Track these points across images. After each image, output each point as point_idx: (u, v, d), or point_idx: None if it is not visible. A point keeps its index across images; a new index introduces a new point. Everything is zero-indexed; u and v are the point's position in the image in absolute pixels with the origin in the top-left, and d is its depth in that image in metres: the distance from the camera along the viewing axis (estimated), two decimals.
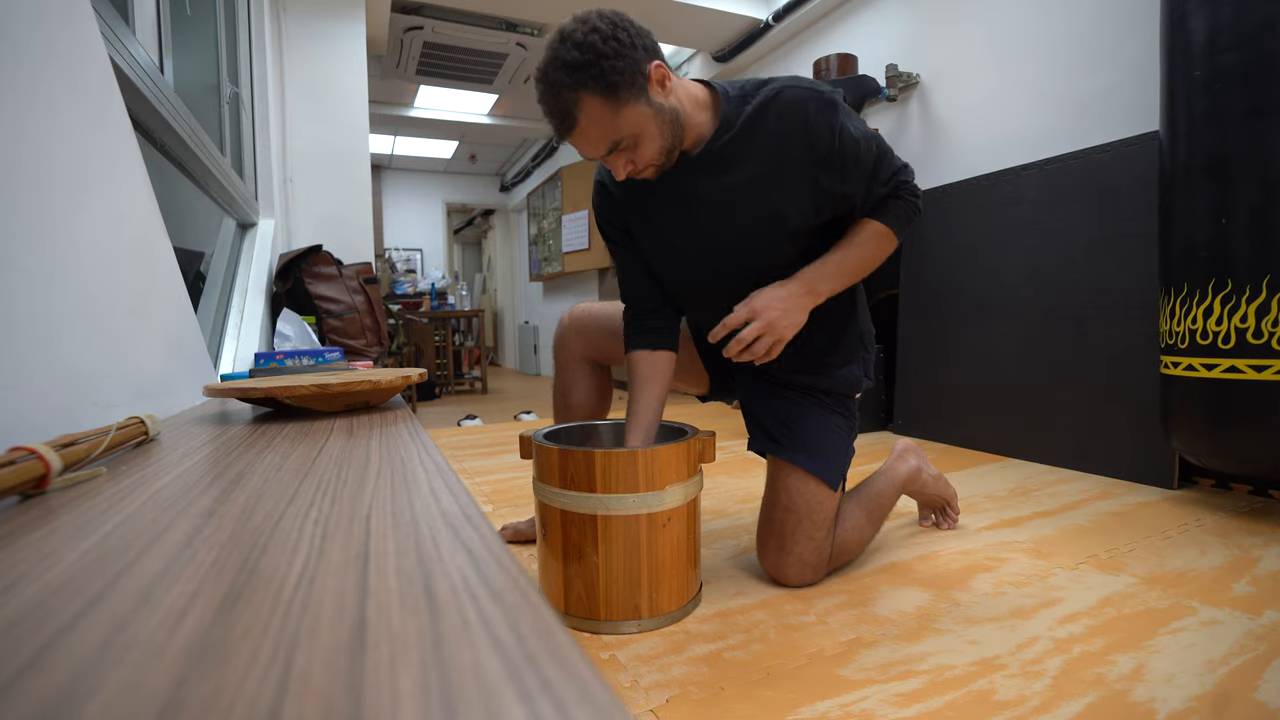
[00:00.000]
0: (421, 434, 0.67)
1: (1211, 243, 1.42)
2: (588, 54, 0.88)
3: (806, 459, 1.14)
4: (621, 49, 0.89)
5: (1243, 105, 1.35)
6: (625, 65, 0.89)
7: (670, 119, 0.96)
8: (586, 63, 0.88)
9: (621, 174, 0.99)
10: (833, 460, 1.15)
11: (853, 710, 0.80)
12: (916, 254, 2.55)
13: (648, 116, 0.94)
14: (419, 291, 5.16)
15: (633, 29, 0.92)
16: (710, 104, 1.04)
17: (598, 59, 0.88)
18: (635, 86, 0.91)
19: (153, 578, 0.28)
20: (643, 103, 0.93)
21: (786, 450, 1.16)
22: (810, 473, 1.13)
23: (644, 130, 0.94)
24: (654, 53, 0.94)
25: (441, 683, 0.19)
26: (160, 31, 1.56)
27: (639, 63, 0.91)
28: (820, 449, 1.15)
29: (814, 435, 1.16)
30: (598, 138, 0.94)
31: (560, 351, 1.35)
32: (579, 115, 0.92)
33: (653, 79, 0.93)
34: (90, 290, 0.74)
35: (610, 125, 0.93)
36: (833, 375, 1.19)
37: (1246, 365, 1.37)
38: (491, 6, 3.22)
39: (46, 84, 0.71)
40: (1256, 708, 0.78)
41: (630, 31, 0.91)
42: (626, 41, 0.90)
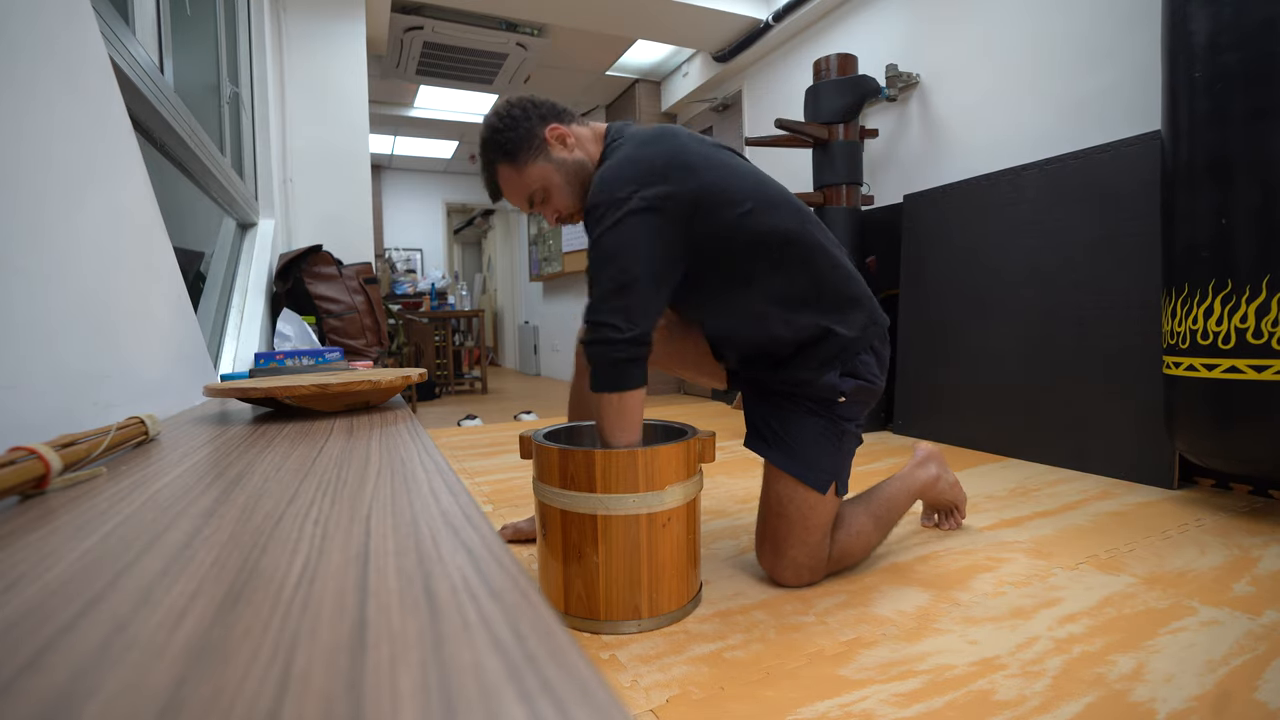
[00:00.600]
0: (421, 434, 0.66)
1: (1212, 243, 1.42)
2: (489, 131, 1.12)
3: (790, 462, 1.13)
4: (514, 122, 1.10)
5: (1244, 105, 1.35)
6: (519, 134, 1.10)
7: (574, 170, 1.12)
8: (489, 139, 1.12)
9: (551, 222, 1.18)
10: (816, 465, 1.13)
11: (853, 710, 0.80)
12: (916, 254, 2.55)
13: (549, 171, 1.12)
14: (419, 291, 5.16)
15: (529, 103, 1.13)
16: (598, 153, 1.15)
17: (495, 133, 1.11)
18: (532, 149, 1.11)
19: (153, 578, 0.28)
20: (543, 160, 1.11)
21: (773, 452, 1.16)
22: (797, 478, 1.12)
23: (550, 183, 1.12)
24: (552, 117, 1.13)
25: (441, 683, 0.19)
26: (160, 31, 1.56)
27: (533, 129, 1.11)
28: (803, 453, 1.14)
29: (798, 439, 1.15)
30: (515, 196, 1.14)
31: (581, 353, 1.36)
32: (498, 181, 1.15)
33: (550, 140, 1.11)
34: (90, 290, 0.74)
35: (520, 184, 1.13)
36: (810, 384, 1.15)
37: (1247, 365, 1.37)
38: (491, 6, 3.23)
39: (46, 84, 0.71)
40: (1256, 708, 0.78)
41: (525, 106, 1.12)
42: (519, 115, 1.11)
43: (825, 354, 1.13)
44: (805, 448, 1.14)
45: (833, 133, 2.59)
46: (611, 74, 4.34)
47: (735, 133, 3.90)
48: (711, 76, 3.88)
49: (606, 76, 4.38)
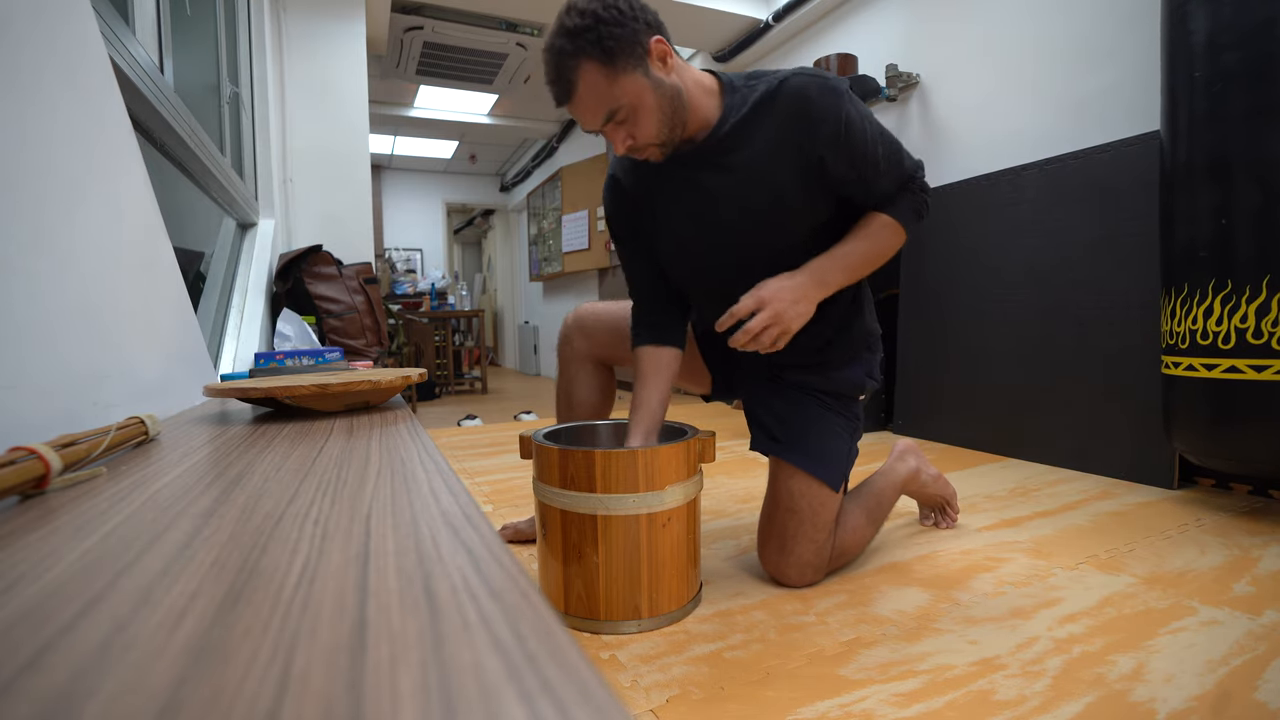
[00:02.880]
0: (421, 434, 0.66)
1: (1212, 243, 1.42)
2: (587, 19, 0.90)
3: (807, 460, 1.14)
4: (621, 17, 0.91)
5: (1243, 105, 1.35)
6: (624, 33, 0.91)
7: (670, 96, 0.97)
8: (586, 28, 0.90)
9: (621, 148, 0.99)
10: (834, 461, 1.15)
11: (853, 710, 0.80)
12: (916, 254, 2.55)
13: (645, 88, 0.95)
14: (419, 291, 5.16)
15: (636, 3, 0.94)
16: (717, 92, 1.04)
17: (596, 24, 0.90)
18: (634, 56, 0.93)
19: (153, 578, 0.28)
20: (640, 74, 0.94)
21: (787, 451, 1.16)
22: (811, 474, 1.13)
23: (641, 102, 0.95)
24: (656, 28, 0.96)
25: (441, 683, 0.19)
26: (160, 31, 1.56)
27: (639, 34, 0.93)
28: (821, 450, 1.15)
29: (815, 436, 1.16)
30: (595, 105, 0.95)
31: (564, 350, 1.35)
32: (577, 81, 0.93)
33: (653, 53, 0.95)
34: (90, 290, 0.74)
35: (607, 93, 0.94)
36: (832, 376, 1.18)
37: (1247, 365, 1.37)
38: (491, 6, 3.22)
39: (46, 84, 0.71)
40: (1256, 708, 0.78)
41: (632, 3, 0.93)
42: (627, 11, 0.92)
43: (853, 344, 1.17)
44: (823, 445, 1.15)
45: None
46: None
47: None
48: None
49: None
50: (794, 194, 1.04)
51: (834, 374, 1.19)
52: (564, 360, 1.36)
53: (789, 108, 0.99)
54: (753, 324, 0.99)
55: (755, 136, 1.02)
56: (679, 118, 0.99)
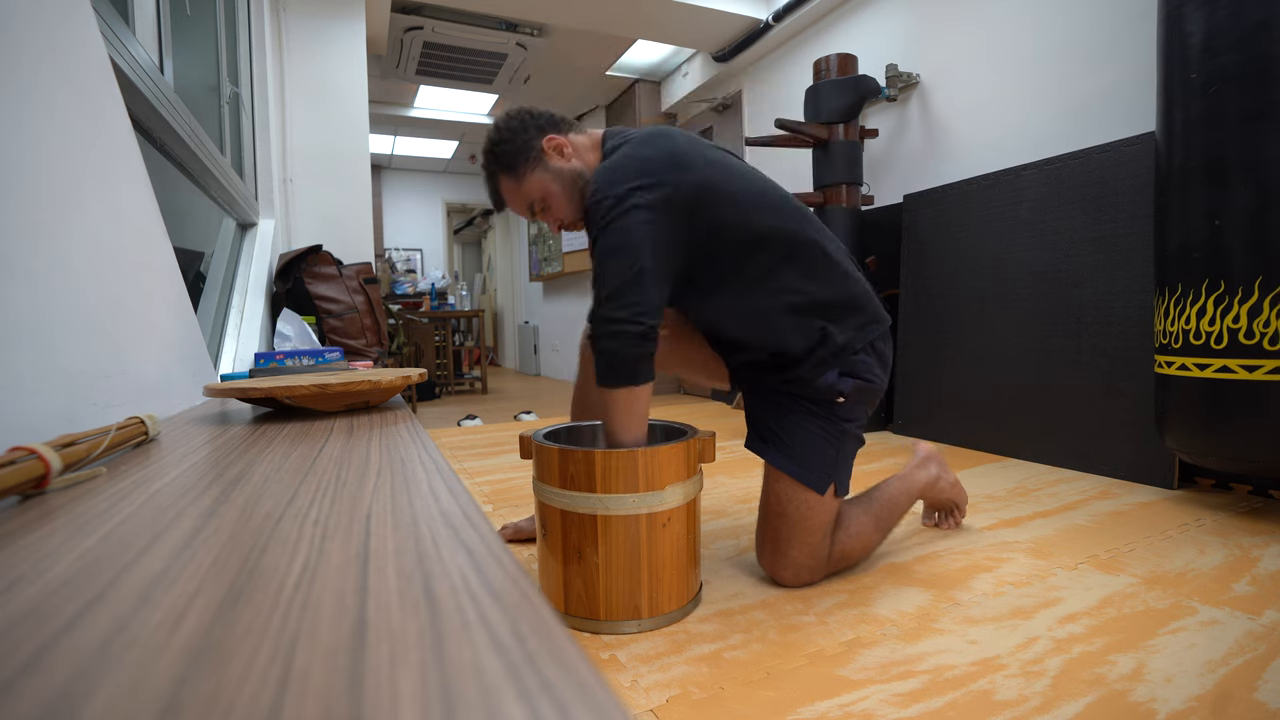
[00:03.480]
0: (421, 434, 0.67)
1: (1205, 244, 1.42)
2: (488, 144, 1.15)
3: (788, 462, 1.14)
4: (512, 134, 1.13)
5: (1238, 107, 1.36)
6: (516, 146, 1.12)
7: (571, 179, 1.13)
8: (488, 150, 1.15)
9: (554, 230, 1.19)
10: (814, 466, 1.13)
11: (853, 710, 0.80)
12: (916, 254, 2.55)
13: (547, 181, 1.13)
14: (419, 291, 5.16)
15: (527, 115, 1.14)
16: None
17: (494, 146, 1.14)
18: (529, 160, 1.12)
19: (153, 578, 0.28)
20: (539, 171, 1.13)
21: (771, 452, 1.16)
22: (794, 478, 1.12)
23: (548, 192, 1.13)
24: (550, 127, 1.14)
25: (441, 683, 0.19)
26: (160, 31, 1.56)
27: (530, 141, 1.12)
28: (801, 454, 1.14)
29: (796, 439, 1.15)
30: (517, 203, 1.17)
31: (585, 352, 1.37)
32: (498, 189, 1.17)
33: (546, 151, 1.13)
34: (90, 290, 0.74)
35: (520, 194, 1.15)
36: (809, 385, 1.15)
37: (1238, 365, 1.37)
38: (491, 6, 3.22)
39: (46, 84, 0.71)
40: (1256, 708, 0.78)
41: (523, 118, 1.14)
42: (517, 127, 1.13)
43: (820, 356, 1.13)
44: (803, 448, 1.14)
45: (833, 133, 2.59)
46: (611, 74, 4.34)
47: (735, 133, 3.89)
48: (711, 76, 3.88)
49: (607, 77, 4.38)
50: None
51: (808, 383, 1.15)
52: (585, 359, 1.37)
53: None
54: None
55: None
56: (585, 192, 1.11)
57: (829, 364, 1.13)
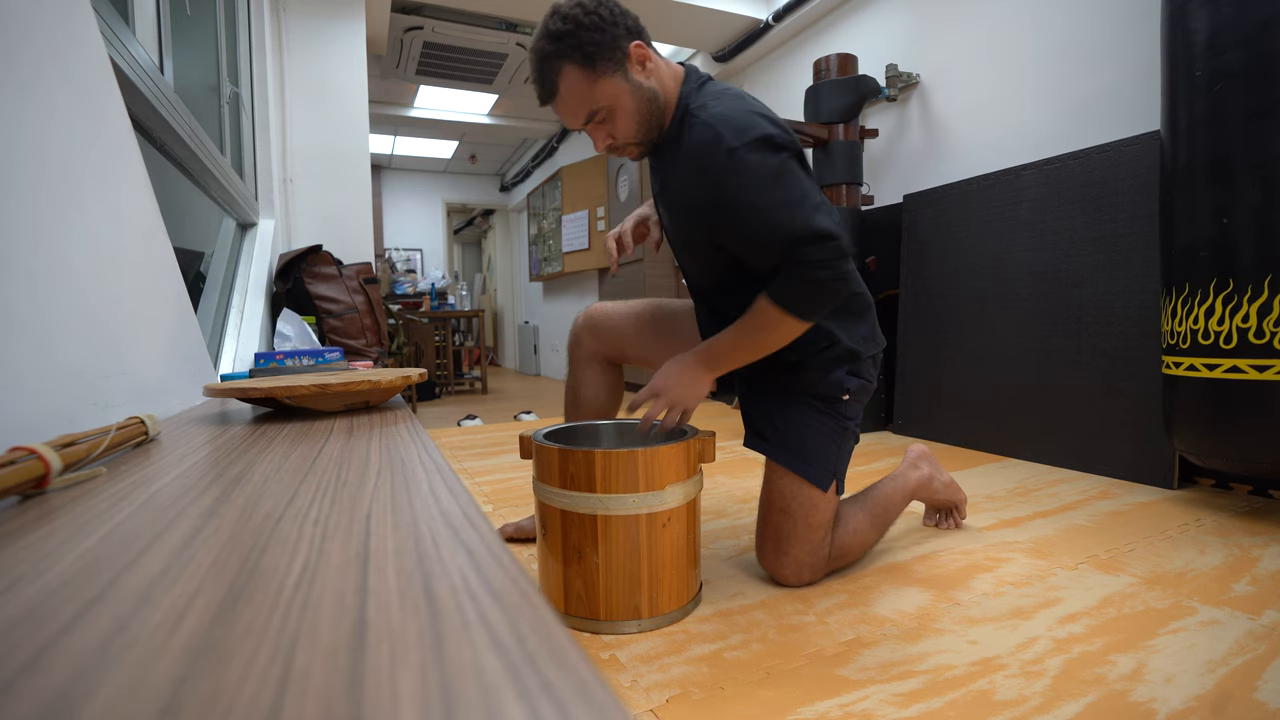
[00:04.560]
0: (421, 434, 0.67)
1: (1213, 242, 1.41)
2: (569, 24, 0.96)
3: (792, 459, 1.14)
4: (602, 23, 0.96)
5: (1244, 105, 1.35)
6: (604, 39, 0.96)
7: (648, 98, 1.01)
8: (567, 33, 0.96)
9: (600, 146, 1.04)
10: (819, 461, 1.14)
11: (853, 710, 0.80)
12: (916, 254, 2.55)
13: (624, 91, 0.99)
14: (419, 291, 5.16)
15: (616, 9, 0.99)
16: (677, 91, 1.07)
17: (578, 29, 0.95)
18: (613, 60, 0.98)
19: (153, 578, 0.28)
20: (619, 77, 0.99)
21: (774, 449, 1.16)
22: (798, 474, 1.13)
23: (620, 104, 1.00)
24: (636, 33, 1.00)
25: (441, 683, 0.19)
26: (160, 31, 1.56)
27: (619, 39, 0.98)
28: (806, 450, 1.14)
29: (800, 436, 1.15)
30: (576, 106, 1.00)
31: (574, 349, 1.37)
32: (559, 83, 0.99)
33: (632, 57, 0.99)
34: (90, 290, 0.74)
35: (587, 95, 0.99)
36: (817, 381, 1.16)
37: (1248, 365, 1.37)
38: (491, 6, 3.22)
39: (46, 84, 0.71)
40: (1256, 708, 0.78)
41: (613, 9, 0.98)
42: (608, 17, 0.97)
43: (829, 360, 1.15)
44: (809, 444, 1.15)
45: (833, 133, 2.59)
46: None
47: None
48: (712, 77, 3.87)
49: None
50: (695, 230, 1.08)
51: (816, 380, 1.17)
52: (573, 359, 1.37)
53: (690, 156, 1.01)
54: (650, 413, 1.10)
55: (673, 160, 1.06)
56: (656, 119, 1.04)
57: (840, 363, 1.15)
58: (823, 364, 1.14)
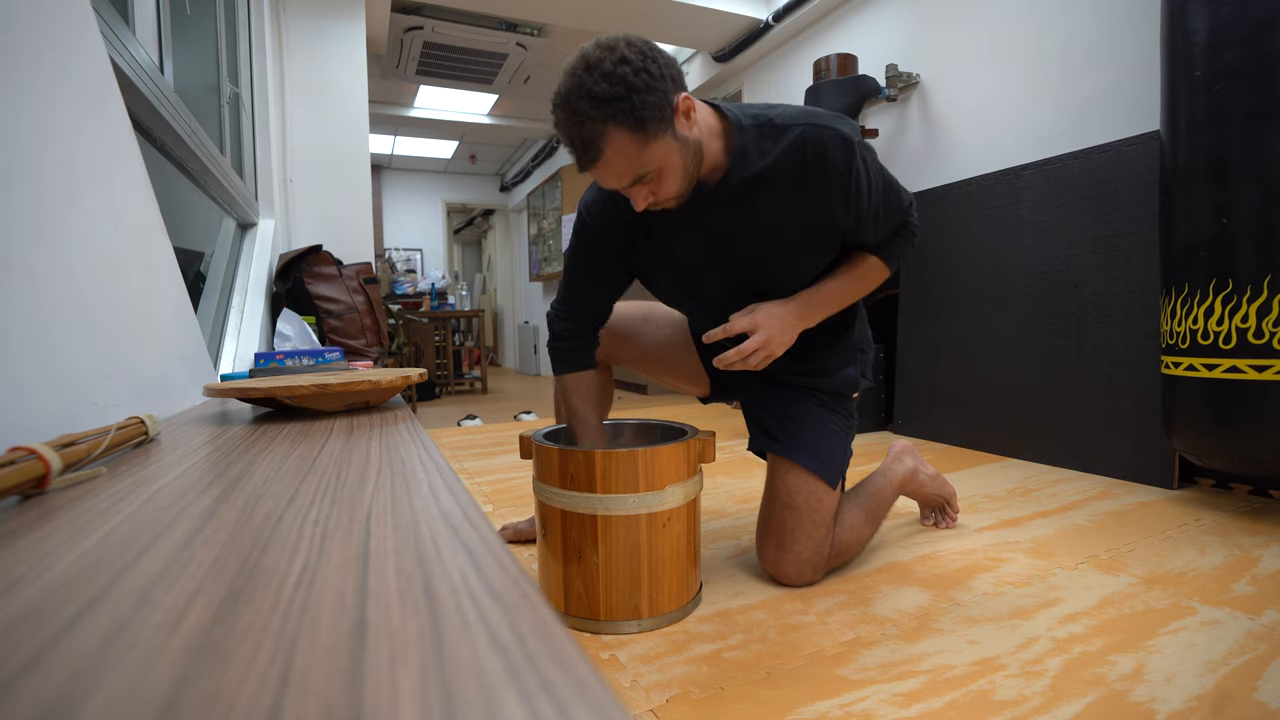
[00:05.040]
0: (421, 434, 0.66)
1: (1212, 243, 1.42)
2: (618, 87, 0.84)
3: (805, 456, 1.15)
4: (652, 82, 0.86)
5: (1243, 105, 1.35)
6: (655, 100, 0.86)
7: (694, 151, 0.95)
8: (616, 96, 0.84)
9: (641, 205, 0.96)
10: (831, 458, 1.16)
11: (853, 710, 0.80)
12: (917, 254, 2.55)
13: (674, 150, 0.91)
14: (419, 291, 5.16)
15: (662, 60, 0.88)
16: (722, 132, 1.01)
17: (629, 93, 0.84)
18: (664, 121, 0.88)
19: (153, 578, 0.28)
20: (669, 136, 0.90)
21: (785, 447, 1.17)
22: (809, 470, 1.14)
23: (669, 164, 0.92)
24: (680, 83, 0.91)
25: (441, 683, 0.19)
26: (160, 31, 1.56)
27: (668, 95, 0.88)
28: (818, 447, 1.16)
29: (812, 433, 1.17)
30: (623, 171, 0.91)
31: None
32: (605, 148, 0.88)
33: (679, 111, 0.91)
34: (90, 290, 0.74)
35: (637, 159, 0.90)
36: (831, 377, 1.21)
37: (1247, 365, 1.37)
38: (491, 6, 3.22)
39: (46, 84, 0.71)
40: (1256, 708, 0.78)
41: (660, 63, 0.88)
42: (657, 74, 0.86)
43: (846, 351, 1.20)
44: (820, 442, 1.17)
45: None
46: None
47: None
48: (711, 76, 3.87)
49: None
50: (805, 241, 1.06)
51: (833, 375, 1.21)
52: None
53: (807, 161, 0.98)
54: (745, 346, 1.04)
55: (770, 189, 1.01)
56: (697, 170, 0.98)
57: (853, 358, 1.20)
58: (837, 356, 1.20)
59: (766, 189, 1.01)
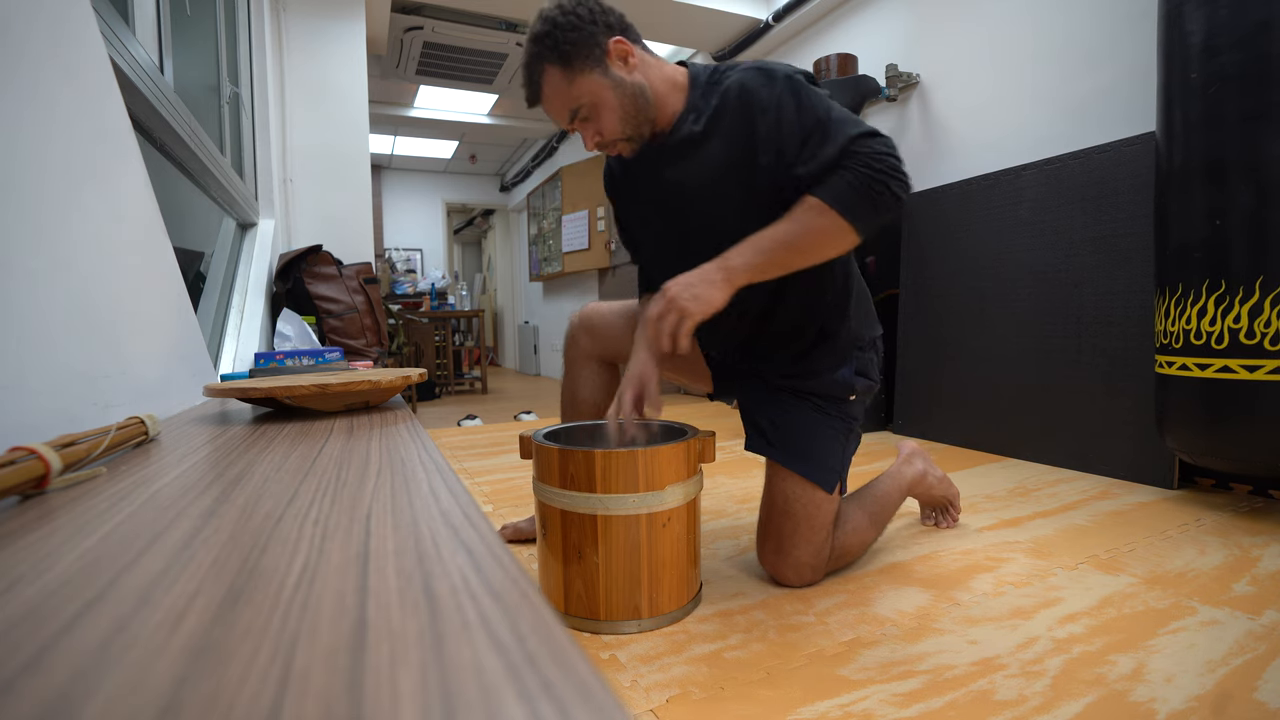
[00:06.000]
0: (421, 434, 0.67)
1: (1206, 243, 1.42)
2: (546, 25, 0.98)
3: (798, 462, 1.14)
4: (579, 22, 0.98)
5: (1238, 107, 1.36)
6: (580, 37, 0.98)
7: (632, 93, 1.02)
8: (545, 34, 0.98)
9: (590, 144, 1.05)
10: (825, 464, 1.14)
11: (853, 710, 0.80)
12: (916, 254, 2.55)
13: (604, 87, 1.00)
14: (419, 291, 5.16)
15: (597, 7, 1.00)
16: (684, 86, 1.07)
17: (554, 29, 0.98)
18: (590, 58, 0.99)
19: (153, 578, 0.28)
20: (598, 74, 1.00)
21: (779, 452, 1.16)
22: (803, 476, 1.13)
23: (601, 100, 1.01)
24: (619, 29, 1.02)
25: (441, 683, 0.19)
26: (160, 31, 1.56)
27: (596, 36, 0.99)
28: (812, 452, 1.14)
29: (806, 438, 1.15)
30: (559, 105, 1.02)
31: (570, 349, 1.36)
32: (542, 83, 1.01)
33: (612, 53, 1.00)
34: (90, 290, 0.74)
35: (568, 93, 1.00)
36: (823, 379, 1.17)
37: (1239, 365, 1.37)
38: (491, 6, 3.22)
39: (46, 84, 0.71)
40: (1256, 708, 0.78)
41: (590, 7, 1.00)
42: (585, 16, 0.99)
43: (838, 350, 1.15)
44: (815, 446, 1.15)
45: None
46: None
47: None
48: None
49: None
50: (744, 195, 1.05)
51: (824, 378, 1.17)
52: (569, 359, 1.36)
53: (734, 104, 1.01)
54: (650, 311, 0.97)
55: (711, 138, 1.04)
56: (644, 115, 1.03)
57: (848, 358, 1.15)
58: (829, 356, 1.15)
59: (705, 140, 1.04)
